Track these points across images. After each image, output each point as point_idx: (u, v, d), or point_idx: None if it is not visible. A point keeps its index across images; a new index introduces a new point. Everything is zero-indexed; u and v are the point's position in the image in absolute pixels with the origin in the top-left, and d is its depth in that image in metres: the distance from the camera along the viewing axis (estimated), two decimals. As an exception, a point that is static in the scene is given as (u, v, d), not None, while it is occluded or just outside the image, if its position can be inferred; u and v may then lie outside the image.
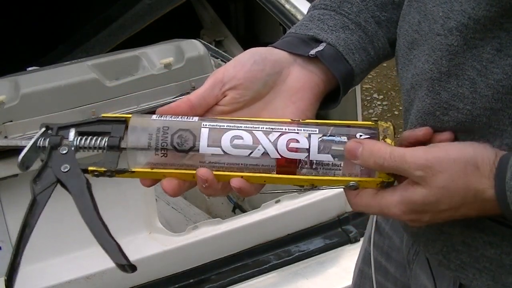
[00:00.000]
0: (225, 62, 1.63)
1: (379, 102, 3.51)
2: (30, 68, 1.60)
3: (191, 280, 1.62)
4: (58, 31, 2.37)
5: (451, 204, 0.60)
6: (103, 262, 0.61)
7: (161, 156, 0.62)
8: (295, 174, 0.63)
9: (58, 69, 1.54)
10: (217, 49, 1.75)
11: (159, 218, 1.62)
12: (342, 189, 0.65)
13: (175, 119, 0.64)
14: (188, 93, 1.52)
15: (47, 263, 1.48)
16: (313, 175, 0.63)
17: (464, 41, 0.61)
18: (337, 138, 0.63)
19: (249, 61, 0.68)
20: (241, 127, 0.64)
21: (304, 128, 0.64)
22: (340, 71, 0.71)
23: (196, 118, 0.65)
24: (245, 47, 2.29)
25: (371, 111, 3.48)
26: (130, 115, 0.65)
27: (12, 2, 2.31)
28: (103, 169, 0.62)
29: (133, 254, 1.66)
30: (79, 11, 2.44)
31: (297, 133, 0.64)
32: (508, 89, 0.60)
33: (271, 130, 0.64)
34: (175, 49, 1.57)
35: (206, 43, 1.67)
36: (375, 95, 3.60)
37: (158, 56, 1.55)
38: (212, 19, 2.44)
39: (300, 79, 0.70)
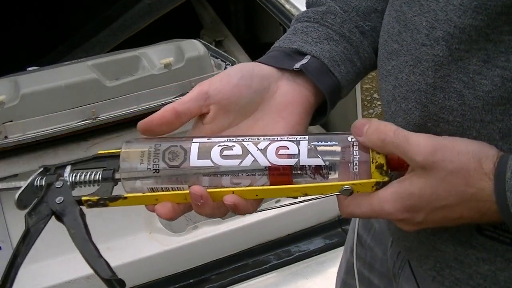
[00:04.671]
0: (225, 62, 1.63)
1: (379, 102, 3.51)
2: (30, 68, 1.60)
3: (191, 280, 1.62)
4: (58, 31, 2.38)
5: (447, 200, 0.58)
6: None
7: (153, 173, 0.62)
8: (288, 184, 0.62)
9: (58, 69, 1.55)
10: (217, 49, 1.75)
11: (159, 218, 1.62)
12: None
13: (166, 139, 0.65)
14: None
15: (47, 263, 1.49)
16: (305, 183, 0.62)
17: (450, 52, 0.59)
18: (327, 142, 0.62)
19: (236, 76, 0.66)
20: (232, 139, 0.63)
21: (294, 136, 0.63)
22: (325, 84, 0.69)
23: (186, 137, 0.65)
24: (245, 47, 2.31)
25: (371, 111, 3.48)
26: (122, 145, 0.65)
27: (13, 2, 2.31)
28: (96, 197, 0.63)
29: (133, 254, 1.66)
30: (79, 11, 2.44)
31: (287, 140, 0.63)
32: (498, 100, 0.58)
33: (260, 140, 0.63)
34: (175, 49, 1.57)
35: (206, 43, 1.67)
36: (375, 95, 3.60)
37: (158, 56, 1.55)
38: (212, 19, 2.44)
39: (289, 94, 0.69)
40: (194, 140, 0.63)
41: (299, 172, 0.62)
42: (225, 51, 2.03)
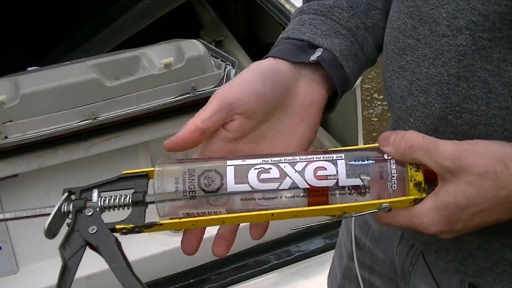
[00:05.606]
0: (225, 62, 1.63)
1: (379, 102, 3.51)
2: (30, 68, 1.60)
3: (191, 280, 1.62)
4: (58, 31, 2.38)
5: (482, 206, 0.58)
6: (103, 262, 0.60)
7: (190, 199, 0.61)
8: (326, 204, 0.62)
9: (58, 69, 1.54)
10: (217, 49, 1.74)
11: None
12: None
13: (198, 161, 0.63)
14: (188, 93, 1.53)
15: (47, 263, 1.49)
16: (344, 202, 0.62)
17: (473, 40, 0.59)
18: (364, 161, 0.62)
19: (258, 82, 0.65)
20: (267, 161, 0.62)
21: (330, 155, 0.62)
22: (338, 77, 0.69)
23: (219, 158, 0.63)
24: (245, 47, 2.30)
25: (371, 111, 3.48)
26: (151, 169, 0.63)
27: (13, 2, 2.31)
28: (130, 225, 0.61)
29: (133, 254, 1.66)
30: (79, 11, 2.44)
31: (323, 160, 0.62)
32: None
33: (296, 161, 0.62)
34: (175, 49, 1.56)
35: (206, 43, 1.67)
36: (375, 95, 3.60)
37: (158, 56, 1.54)
38: (212, 19, 2.44)
39: (309, 94, 0.68)
40: (229, 163, 0.62)
41: (336, 191, 0.62)
42: (225, 51, 2.03)
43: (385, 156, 0.62)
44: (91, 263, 0.60)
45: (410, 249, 0.81)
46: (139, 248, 1.57)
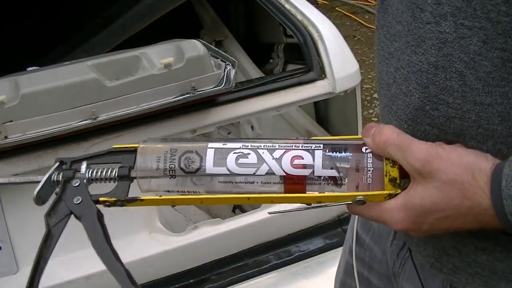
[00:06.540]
0: (225, 62, 1.63)
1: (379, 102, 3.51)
2: (30, 68, 1.59)
3: (191, 280, 1.62)
4: (58, 31, 2.37)
5: (447, 212, 0.59)
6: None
7: (170, 178, 0.63)
8: (302, 192, 0.63)
9: (58, 69, 1.54)
10: (217, 49, 1.74)
11: (159, 218, 1.62)
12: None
13: (182, 142, 0.65)
14: (188, 93, 1.52)
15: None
16: (319, 192, 0.63)
17: (455, 27, 0.60)
18: (341, 153, 0.63)
19: None
20: (247, 146, 0.64)
21: (309, 144, 0.64)
22: None
23: (203, 140, 0.65)
24: (245, 47, 2.30)
25: (371, 111, 3.48)
26: (139, 145, 0.66)
27: (13, 2, 2.31)
28: (113, 199, 0.64)
29: (133, 254, 1.66)
30: (79, 11, 2.44)
31: (301, 149, 0.63)
32: (498, 81, 0.59)
33: (275, 148, 0.63)
34: (175, 49, 1.56)
35: (206, 43, 1.67)
36: (375, 95, 3.60)
37: (158, 56, 1.54)
38: (212, 19, 2.44)
39: None
40: (210, 145, 0.64)
41: (313, 180, 0.63)
42: (225, 51, 2.03)
43: (363, 149, 0.63)
44: (91, 263, 0.61)
45: (401, 251, 0.82)
46: (139, 248, 1.57)
